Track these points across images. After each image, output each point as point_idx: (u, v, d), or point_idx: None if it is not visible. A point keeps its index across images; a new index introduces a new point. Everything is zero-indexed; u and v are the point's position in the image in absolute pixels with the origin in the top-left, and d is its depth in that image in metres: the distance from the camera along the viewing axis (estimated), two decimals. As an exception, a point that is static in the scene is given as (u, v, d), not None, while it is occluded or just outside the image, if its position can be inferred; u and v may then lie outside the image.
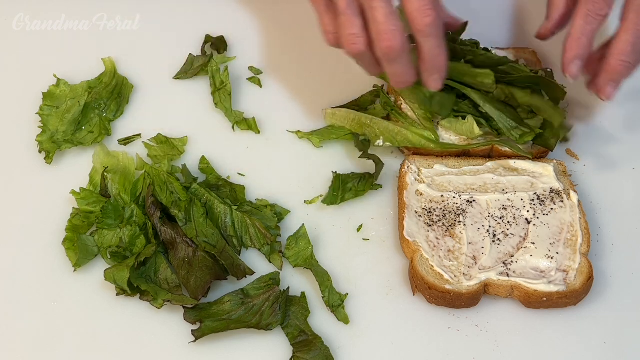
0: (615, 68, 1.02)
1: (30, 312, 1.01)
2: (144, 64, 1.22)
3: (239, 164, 1.13)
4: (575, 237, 1.02)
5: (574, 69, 1.03)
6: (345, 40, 1.00)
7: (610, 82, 1.03)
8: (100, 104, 1.17)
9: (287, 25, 1.27)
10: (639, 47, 1.00)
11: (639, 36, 1.00)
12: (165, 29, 1.27)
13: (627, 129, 1.16)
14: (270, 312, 0.98)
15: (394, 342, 0.99)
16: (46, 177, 1.12)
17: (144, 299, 0.99)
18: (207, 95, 1.19)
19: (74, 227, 1.05)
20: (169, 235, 1.02)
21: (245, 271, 1.01)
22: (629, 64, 1.01)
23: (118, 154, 1.11)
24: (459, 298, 0.99)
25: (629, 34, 1.00)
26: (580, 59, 1.03)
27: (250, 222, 1.05)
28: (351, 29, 0.99)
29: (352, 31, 0.99)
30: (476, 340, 0.99)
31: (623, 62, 1.01)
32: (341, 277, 1.03)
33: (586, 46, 1.02)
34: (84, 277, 1.03)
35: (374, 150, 1.11)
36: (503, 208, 1.04)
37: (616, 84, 1.03)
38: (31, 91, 1.18)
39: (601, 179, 1.11)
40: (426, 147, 1.10)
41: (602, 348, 0.98)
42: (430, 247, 1.02)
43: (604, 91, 1.04)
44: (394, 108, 1.12)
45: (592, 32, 1.02)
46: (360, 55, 1.01)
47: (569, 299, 0.99)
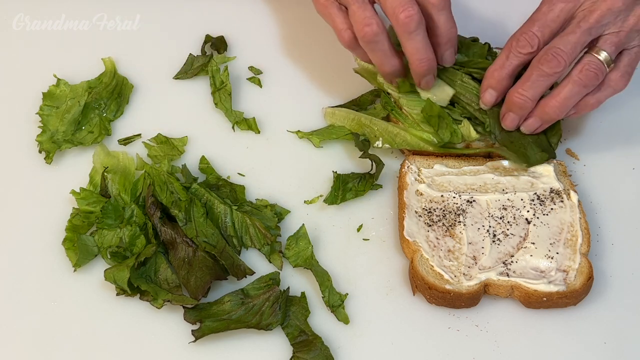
0: (512, 100, 1.05)
1: (30, 312, 1.01)
2: (144, 64, 1.22)
3: (239, 164, 1.13)
4: (575, 237, 1.02)
5: (487, 97, 1.07)
6: (359, 27, 1.03)
7: (509, 113, 1.06)
8: (100, 104, 1.17)
9: (287, 25, 1.27)
10: (538, 84, 1.03)
11: (540, 74, 1.02)
12: (165, 29, 1.27)
13: (627, 129, 1.16)
14: (270, 312, 0.98)
15: (394, 342, 0.99)
16: (46, 177, 1.12)
17: (144, 299, 0.99)
18: (207, 95, 1.19)
19: (74, 227, 1.05)
20: (169, 235, 1.02)
21: (245, 271, 1.01)
22: (526, 99, 1.04)
23: (118, 154, 1.11)
24: (459, 298, 0.99)
25: (532, 70, 1.03)
26: (494, 89, 1.06)
27: (250, 222, 1.05)
28: (364, 14, 1.03)
29: (365, 16, 1.03)
30: (476, 340, 0.99)
31: (520, 96, 1.04)
32: (341, 277, 1.03)
33: (502, 78, 1.06)
34: (84, 277, 1.03)
35: (373, 151, 1.11)
36: (503, 208, 1.04)
37: (516, 116, 1.06)
38: (31, 91, 1.18)
39: (601, 179, 1.11)
40: (424, 150, 1.10)
41: (602, 348, 0.98)
42: (430, 247, 1.02)
43: (504, 120, 1.07)
44: (394, 108, 1.12)
45: (510, 67, 1.05)
46: (376, 40, 1.03)
47: (569, 299, 0.99)
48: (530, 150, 1.07)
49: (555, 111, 1.04)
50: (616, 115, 1.17)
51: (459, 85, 1.09)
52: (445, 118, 1.08)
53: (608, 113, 1.17)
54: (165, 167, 1.09)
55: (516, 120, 1.06)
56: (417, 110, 1.10)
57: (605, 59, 1.03)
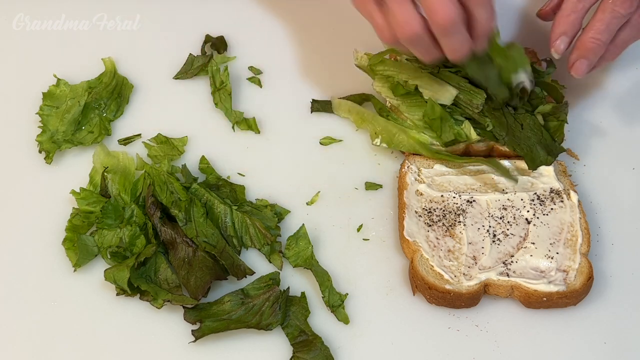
0: (586, 45, 1.03)
1: (30, 312, 1.01)
2: (144, 64, 1.22)
3: (239, 164, 1.13)
4: (575, 237, 1.02)
5: (561, 45, 1.05)
6: (399, 27, 0.99)
7: (581, 59, 1.04)
8: (100, 104, 1.17)
9: (287, 25, 1.27)
10: (612, 27, 1.01)
11: (614, 16, 1.00)
12: (165, 29, 1.27)
13: (627, 129, 1.16)
14: (270, 312, 0.98)
15: (394, 342, 0.99)
16: (46, 177, 1.12)
17: (144, 299, 0.99)
18: (207, 95, 1.19)
19: (74, 227, 1.05)
20: (169, 235, 1.02)
21: (245, 271, 1.01)
22: (599, 42, 1.02)
23: (118, 154, 1.11)
24: (459, 298, 0.99)
25: (605, 13, 1.01)
26: (567, 35, 1.04)
27: (250, 222, 1.05)
28: (403, 13, 0.98)
29: (405, 15, 0.98)
30: (476, 340, 0.99)
31: (594, 40, 1.02)
32: (341, 277, 1.03)
33: (574, 24, 1.03)
34: (84, 277, 1.03)
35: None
36: (503, 208, 1.04)
37: (587, 62, 1.04)
38: (31, 91, 1.18)
39: (601, 179, 1.11)
40: (419, 152, 1.09)
41: (602, 348, 0.98)
42: (430, 247, 1.02)
43: (574, 67, 1.05)
44: (389, 114, 1.12)
45: (583, 11, 1.03)
46: (417, 39, 0.99)
47: (569, 299, 0.99)
48: (536, 152, 1.06)
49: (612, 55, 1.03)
50: (616, 115, 1.17)
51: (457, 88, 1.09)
52: (448, 120, 1.08)
53: (608, 113, 1.17)
54: (165, 167, 1.09)
55: (587, 67, 1.03)
56: (417, 115, 1.10)
57: None
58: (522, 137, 1.07)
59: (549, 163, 1.07)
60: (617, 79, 1.20)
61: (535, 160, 1.06)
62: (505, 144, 1.07)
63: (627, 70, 1.21)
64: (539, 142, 1.07)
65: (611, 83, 1.20)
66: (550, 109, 1.08)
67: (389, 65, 1.12)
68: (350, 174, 1.12)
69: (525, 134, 1.07)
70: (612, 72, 1.21)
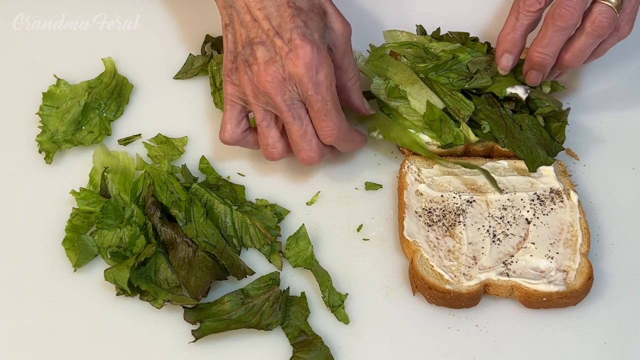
0: (533, 59, 1.06)
1: (30, 312, 1.01)
2: (144, 64, 1.22)
3: (239, 164, 1.13)
4: (575, 237, 1.02)
5: (505, 62, 1.08)
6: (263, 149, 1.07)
7: (531, 70, 1.07)
8: (100, 104, 1.17)
9: (287, 25, 1.27)
10: (556, 40, 1.03)
11: (555, 29, 1.02)
12: (165, 29, 1.27)
13: (627, 129, 1.16)
14: (270, 312, 0.98)
15: (394, 342, 0.99)
16: (46, 177, 1.12)
17: (144, 299, 0.99)
18: (207, 95, 1.19)
19: (74, 227, 1.05)
20: (169, 235, 1.02)
21: (245, 271, 1.01)
22: (544, 55, 1.05)
23: (118, 154, 1.11)
24: (459, 298, 0.99)
25: (547, 27, 1.03)
26: (511, 53, 1.07)
27: (250, 222, 1.05)
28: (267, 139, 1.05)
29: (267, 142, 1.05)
30: (476, 340, 0.99)
31: (539, 54, 1.05)
32: (341, 277, 1.03)
33: (514, 42, 1.07)
34: (84, 277, 1.03)
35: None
36: (503, 208, 1.04)
37: (538, 73, 1.07)
38: (31, 91, 1.18)
39: (601, 179, 1.11)
40: (415, 149, 1.09)
41: (602, 348, 0.98)
42: (430, 247, 1.02)
43: (527, 78, 1.08)
44: (391, 112, 1.12)
45: (521, 29, 1.06)
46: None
47: (569, 299, 0.99)
48: (536, 153, 1.06)
49: (573, 63, 1.05)
50: (616, 115, 1.17)
51: (449, 99, 1.09)
52: (447, 121, 1.08)
53: (608, 113, 1.17)
54: (165, 167, 1.09)
55: (539, 77, 1.07)
56: (416, 117, 1.10)
57: (615, 4, 1.02)
58: (522, 138, 1.07)
59: (549, 163, 1.07)
60: (617, 79, 1.21)
61: (536, 161, 1.06)
62: (505, 145, 1.07)
63: (627, 70, 1.21)
64: (539, 142, 1.07)
65: (611, 83, 1.20)
66: (549, 111, 1.08)
67: (388, 62, 1.12)
68: (350, 174, 1.12)
69: (524, 134, 1.07)
70: (612, 72, 1.21)
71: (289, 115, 1.00)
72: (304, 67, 0.97)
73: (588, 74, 1.20)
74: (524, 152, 1.06)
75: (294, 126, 1.01)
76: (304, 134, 1.02)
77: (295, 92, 1.00)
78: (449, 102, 1.09)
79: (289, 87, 0.99)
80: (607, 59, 1.12)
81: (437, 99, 1.09)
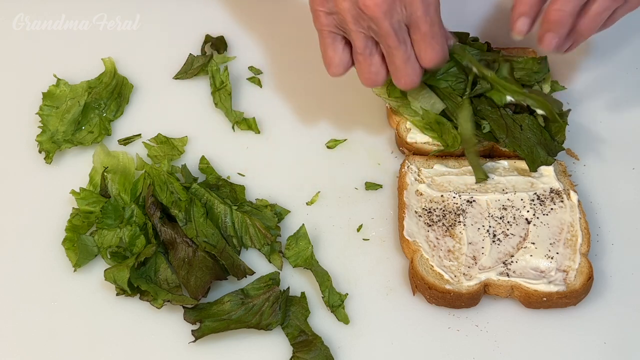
0: (550, 17, 1.01)
1: (30, 312, 1.01)
2: (144, 64, 1.23)
3: (239, 164, 1.13)
4: (575, 237, 1.02)
5: (521, 26, 1.03)
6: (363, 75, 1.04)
7: (547, 32, 1.02)
8: (100, 104, 1.17)
9: (287, 25, 1.27)
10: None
11: None
12: (165, 29, 1.27)
13: (627, 129, 1.16)
14: (270, 312, 0.98)
15: (394, 342, 0.99)
16: (46, 177, 1.12)
17: (144, 299, 0.99)
18: (207, 95, 1.19)
19: (74, 227, 1.05)
20: (169, 235, 1.02)
21: (245, 271, 1.01)
22: (564, 12, 1.00)
23: (118, 154, 1.11)
24: (459, 298, 0.99)
25: None
26: (528, 16, 1.02)
27: (250, 222, 1.05)
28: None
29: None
30: (476, 340, 0.99)
31: (558, 11, 1.00)
32: (341, 277, 1.03)
33: (533, 3, 1.02)
34: (84, 277, 1.03)
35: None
36: (503, 208, 1.04)
37: (555, 34, 1.02)
38: (31, 91, 1.18)
39: (601, 179, 1.11)
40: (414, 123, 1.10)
41: (602, 348, 0.98)
42: (430, 247, 1.02)
43: (543, 41, 1.03)
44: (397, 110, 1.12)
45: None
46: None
47: (569, 299, 0.99)
48: (537, 153, 1.06)
49: (588, 29, 1.02)
50: (616, 115, 1.17)
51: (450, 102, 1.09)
52: (445, 124, 1.08)
53: (608, 113, 1.17)
54: (165, 167, 1.09)
55: (555, 40, 1.02)
56: (417, 117, 1.10)
57: None
58: (522, 138, 1.07)
59: (549, 163, 1.07)
60: (617, 78, 1.20)
61: (536, 161, 1.06)
62: (506, 145, 1.07)
63: (627, 70, 1.21)
64: (539, 142, 1.07)
65: (611, 83, 1.20)
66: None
67: None
68: (350, 174, 1.12)
69: (525, 134, 1.07)
70: (612, 72, 1.21)
71: (395, 40, 0.97)
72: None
73: (588, 73, 1.20)
74: (525, 151, 1.06)
75: (399, 51, 0.98)
76: (407, 59, 0.99)
77: (403, 15, 0.96)
78: (447, 105, 1.09)
79: (397, 8, 0.96)
80: (607, 59, 1.12)
81: (437, 99, 1.09)
